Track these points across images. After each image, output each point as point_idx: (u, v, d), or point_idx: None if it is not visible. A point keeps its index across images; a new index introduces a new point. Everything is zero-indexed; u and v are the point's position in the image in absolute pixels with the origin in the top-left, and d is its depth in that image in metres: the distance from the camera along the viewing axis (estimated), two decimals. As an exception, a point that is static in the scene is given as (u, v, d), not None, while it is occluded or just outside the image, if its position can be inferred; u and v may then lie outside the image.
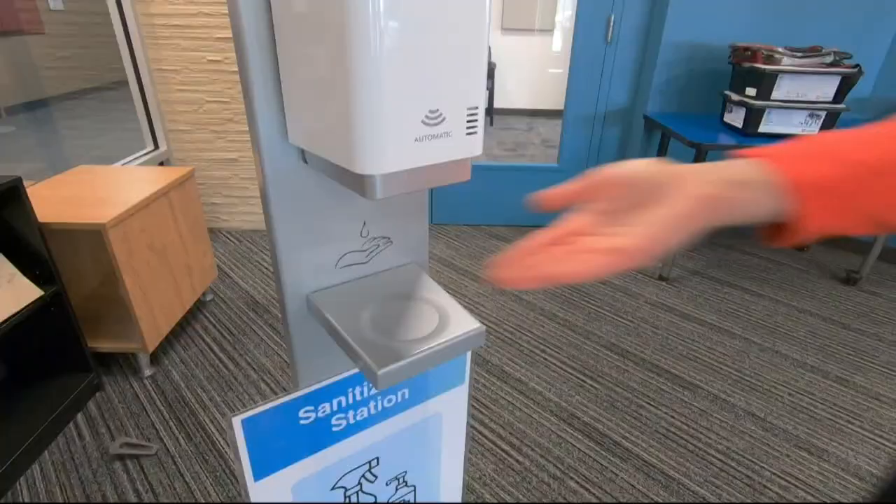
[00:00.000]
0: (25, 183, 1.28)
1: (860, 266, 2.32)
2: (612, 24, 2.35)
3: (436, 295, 0.43)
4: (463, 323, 0.40)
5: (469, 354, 0.58)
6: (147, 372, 1.64)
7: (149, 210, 1.58)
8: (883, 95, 2.37)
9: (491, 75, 5.20)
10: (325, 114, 0.29)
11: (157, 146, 2.44)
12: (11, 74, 2.61)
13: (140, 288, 1.54)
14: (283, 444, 0.47)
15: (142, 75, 2.29)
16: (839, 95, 1.94)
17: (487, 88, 5.24)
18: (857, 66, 1.88)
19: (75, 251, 1.75)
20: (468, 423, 0.62)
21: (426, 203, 0.44)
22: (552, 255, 0.27)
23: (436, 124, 0.28)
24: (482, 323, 0.43)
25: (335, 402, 0.48)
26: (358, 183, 0.28)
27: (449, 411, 0.60)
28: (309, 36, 0.28)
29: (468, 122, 0.29)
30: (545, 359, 1.78)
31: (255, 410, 0.43)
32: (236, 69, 2.26)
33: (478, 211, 2.80)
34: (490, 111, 5.35)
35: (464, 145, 0.30)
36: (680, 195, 0.27)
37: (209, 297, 2.07)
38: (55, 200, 1.51)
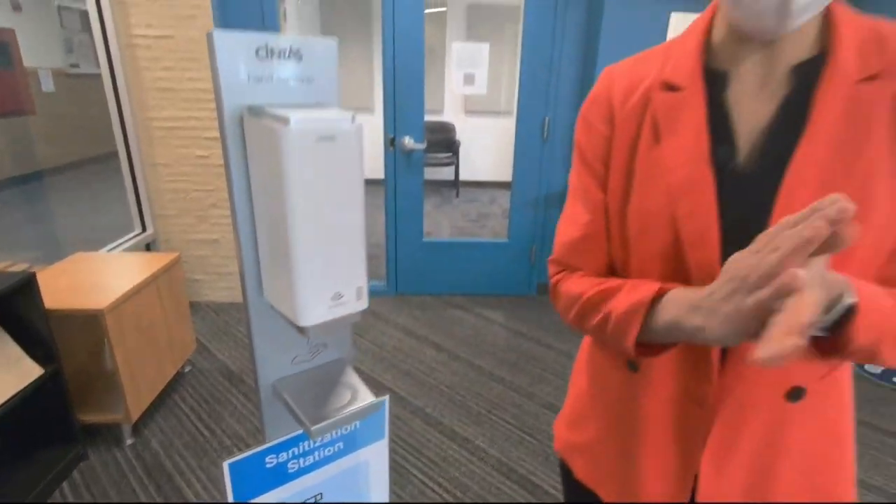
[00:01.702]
0: (29, 269, 1.52)
1: (769, 327, 2.66)
2: (547, 124, 2.79)
3: (353, 380, 0.69)
4: (366, 398, 0.66)
5: (387, 416, 0.83)
6: (129, 441, 1.81)
7: (139, 295, 1.82)
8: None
9: (456, 152, 5.70)
10: (280, 293, 0.56)
11: (144, 229, 2.70)
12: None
13: (128, 364, 1.75)
14: (255, 480, 0.70)
15: (135, 169, 2.58)
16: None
17: (452, 164, 5.73)
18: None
19: (70, 331, 1.94)
20: (389, 467, 0.86)
21: (350, 329, 0.71)
22: None
23: (340, 298, 0.55)
24: (437, 387, 0.68)
25: (290, 451, 0.72)
26: (298, 328, 0.55)
27: (374, 459, 0.84)
28: (268, 237, 0.55)
29: (356, 295, 0.56)
30: (490, 419, 2.01)
31: (237, 458, 0.67)
32: (220, 163, 2.59)
33: (439, 282, 3.09)
34: (455, 184, 5.81)
35: (356, 304, 0.57)
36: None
37: (187, 369, 2.25)
38: (57, 287, 1.74)
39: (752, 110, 0.53)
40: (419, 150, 2.82)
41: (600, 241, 0.62)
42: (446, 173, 5.88)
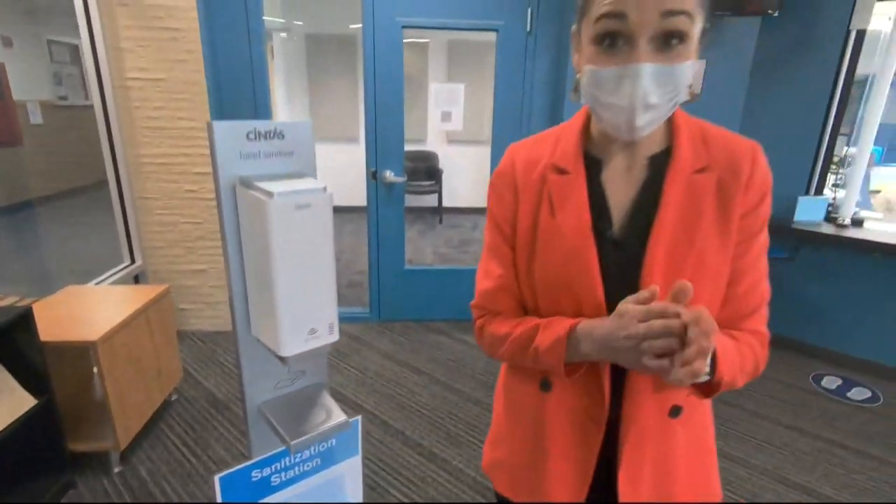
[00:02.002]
0: (22, 301, 1.60)
1: (732, 347, 2.82)
2: (520, 157, 2.96)
3: (328, 402, 0.81)
4: (339, 416, 0.77)
5: (359, 434, 0.93)
6: (116, 469, 1.86)
7: (130, 326, 1.90)
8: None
9: (438, 179, 5.88)
10: (265, 329, 0.68)
11: (133, 261, 2.78)
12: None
13: (117, 393, 1.82)
14: (243, 492, 0.80)
15: (125, 203, 2.68)
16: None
17: (435, 191, 5.89)
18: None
19: (61, 361, 2.01)
20: (362, 480, 0.96)
21: (325, 358, 0.83)
22: None
23: (314, 332, 0.67)
24: (418, 411, 0.80)
25: (273, 466, 0.82)
26: (280, 358, 0.67)
27: (349, 473, 0.94)
28: (255, 283, 0.66)
29: (329, 330, 0.68)
30: (468, 440, 2.10)
31: (226, 472, 0.77)
32: (209, 196, 2.70)
33: (421, 308, 3.20)
34: (439, 211, 5.98)
35: (329, 337, 0.70)
36: None
37: (174, 398, 2.32)
38: (50, 319, 1.81)
39: (621, 191, 0.69)
40: (400, 183, 2.97)
41: (512, 290, 0.75)
42: (430, 200, 6.05)
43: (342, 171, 5.29)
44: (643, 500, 0.72)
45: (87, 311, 1.94)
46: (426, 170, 5.92)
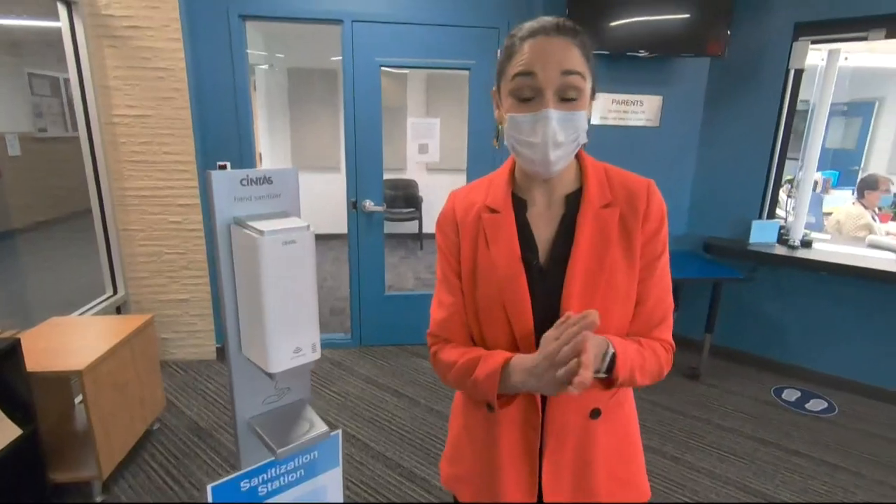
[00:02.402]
0: (6, 333, 1.65)
1: (699, 363, 2.96)
2: (493, 186, 3.11)
3: (311, 415, 0.90)
4: (322, 427, 0.86)
5: (340, 447, 1.02)
6: (98, 499, 1.88)
7: (115, 356, 1.95)
8: (695, 232, 3.21)
9: (419, 207, 6.03)
10: (255, 348, 0.78)
11: (116, 291, 2.82)
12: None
13: (101, 422, 1.85)
14: (232, 501, 0.87)
15: (109, 235, 2.74)
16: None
17: (415, 219, 6.03)
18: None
19: (45, 392, 2.04)
20: (343, 490, 1.04)
21: (308, 374, 0.93)
22: None
23: (299, 351, 0.77)
24: (398, 432, 0.88)
25: (260, 476, 0.90)
26: (268, 374, 0.76)
27: (330, 484, 1.02)
28: (247, 308, 0.76)
29: (312, 349, 0.78)
30: (447, 459, 2.17)
31: (218, 482, 0.85)
32: (193, 227, 2.78)
33: (401, 333, 3.28)
34: (419, 237, 6.10)
35: (312, 355, 0.79)
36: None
37: (156, 427, 2.34)
38: (36, 350, 1.85)
39: (544, 226, 0.82)
40: (379, 212, 3.09)
41: (462, 317, 0.85)
42: (410, 227, 6.18)
43: (324, 199, 5.40)
44: (565, 493, 0.83)
45: (72, 341, 1.98)
46: (406, 197, 6.07)
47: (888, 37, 2.58)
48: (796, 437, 2.41)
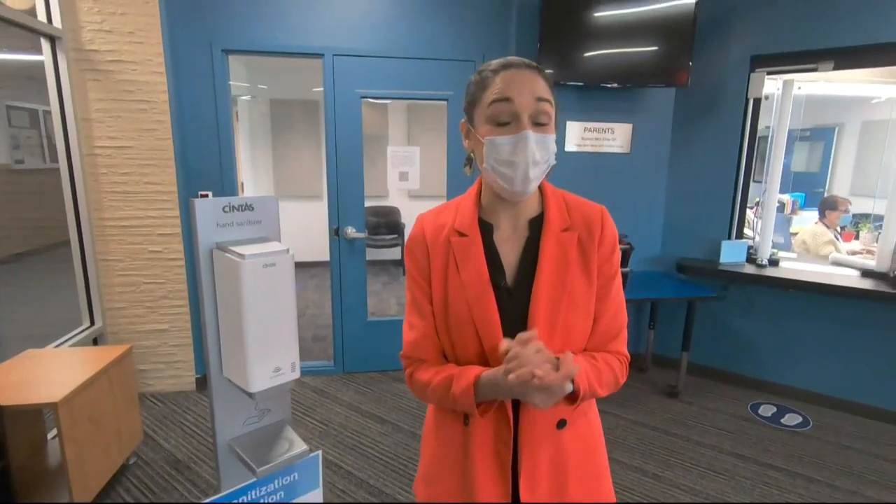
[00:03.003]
0: None
1: (677, 381, 3.02)
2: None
3: (290, 435, 0.92)
4: (301, 447, 0.88)
5: (320, 468, 1.03)
6: (72, 535, 1.82)
7: (91, 387, 1.92)
8: (668, 253, 3.32)
9: (401, 233, 6.08)
10: (235, 369, 0.80)
11: (92, 323, 2.78)
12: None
13: (76, 456, 1.81)
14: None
15: (87, 266, 2.72)
16: (623, 265, 2.78)
17: (398, 245, 6.07)
18: (628, 244, 2.76)
19: (17, 425, 1.99)
20: (324, 513, 1.05)
21: (288, 394, 0.95)
22: None
23: (279, 370, 0.80)
24: (381, 459, 0.90)
25: (240, 498, 0.91)
26: (249, 394, 0.79)
27: (310, 506, 1.03)
28: (228, 330, 0.78)
29: (291, 368, 0.81)
30: (430, 484, 2.16)
31: (203, 502, 0.86)
32: (173, 257, 2.78)
33: (384, 358, 3.28)
34: (402, 263, 6.13)
35: (291, 375, 0.82)
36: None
37: (132, 461, 2.28)
38: (9, 383, 1.82)
39: (510, 249, 0.88)
40: (361, 238, 3.13)
41: (432, 338, 0.89)
42: (393, 253, 6.22)
43: (306, 227, 5.42)
44: (542, 498, 0.85)
45: (47, 373, 1.95)
46: (389, 224, 6.13)
47: (836, 68, 2.77)
48: (773, 452, 2.46)
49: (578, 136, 3.10)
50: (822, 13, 2.70)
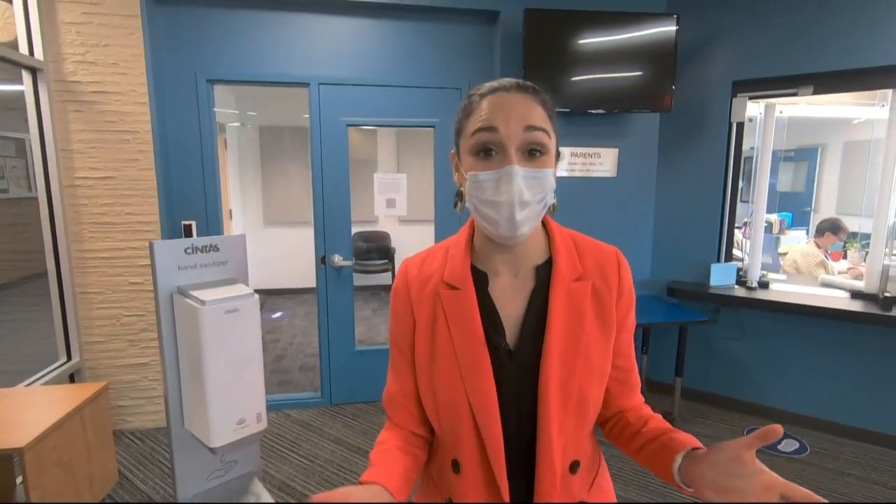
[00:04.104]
0: None
1: (672, 407, 2.96)
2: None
3: (258, 489, 0.86)
4: (267, 499, 0.83)
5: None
6: (35, 592, 1.71)
7: (62, 429, 1.83)
8: (658, 277, 3.30)
9: (391, 258, 6.04)
10: (197, 422, 0.75)
11: (69, 358, 2.69)
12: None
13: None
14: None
15: (66, 298, 2.64)
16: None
17: (388, 270, 6.01)
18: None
19: (-22, 474, 1.89)
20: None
21: (256, 444, 0.89)
22: None
23: (243, 422, 0.75)
24: None
25: (204, 560, 0.85)
26: (210, 449, 0.73)
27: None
28: (189, 379, 0.73)
29: (257, 419, 0.76)
30: (419, 524, 2.07)
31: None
32: (155, 289, 2.69)
33: (372, 389, 3.20)
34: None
35: (257, 426, 0.77)
36: None
37: (106, 505, 2.17)
38: (-26, 429, 1.73)
39: (510, 302, 0.74)
40: (348, 266, 3.08)
41: (403, 404, 0.81)
42: (384, 279, 6.16)
43: (296, 253, 5.38)
44: None
45: (16, 415, 1.86)
46: (379, 249, 6.09)
47: (816, 92, 2.81)
48: (772, 481, 2.40)
49: (566, 161, 3.10)
50: (800, 39, 2.76)
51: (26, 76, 2.46)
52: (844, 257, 4.15)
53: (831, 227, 3.71)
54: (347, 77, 2.91)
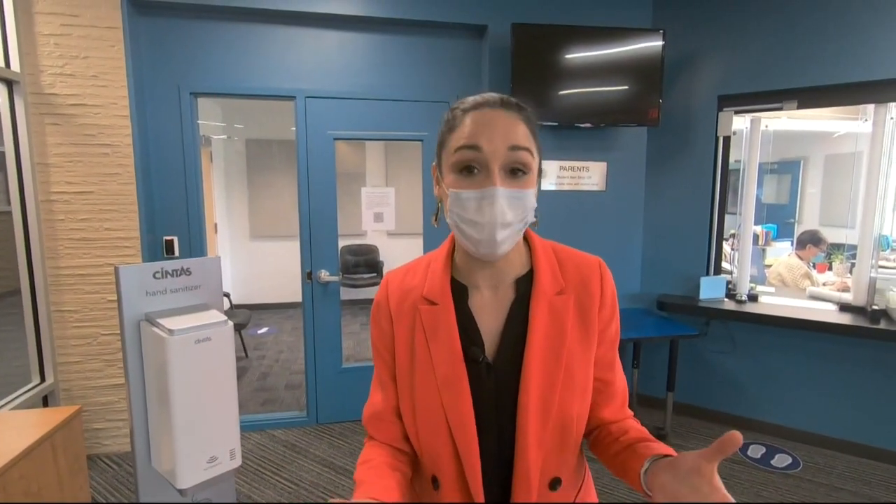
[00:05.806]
0: None
1: (664, 422, 2.93)
2: (450, 252, 3.13)
3: (233, 530, 0.80)
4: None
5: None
6: None
7: (30, 457, 1.73)
8: (648, 291, 3.28)
9: (380, 272, 5.98)
10: (164, 460, 0.69)
11: (43, 379, 2.58)
12: None
13: (8, 538, 1.62)
14: None
15: (40, 318, 2.55)
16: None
17: (377, 283, 5.95)
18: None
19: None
20: None
21: (230, 480, 0.84)
22: None
23: (215, 460, 0.69)
24: None
25: None
26: (178, 490, 0.68)
27: None
28: (157, 414, 0.68)
29: (230, 456, 0.71)
30: (408, 550, 1.99)
31: None
32: (134, 307, 2.60)
33: (359, 407, 3.11)
34: (381, 302, 6.00)
35: (230, 464, 0.71)
36: None
37: (78, 535, 2.07)
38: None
39: (490, 315, 0.74)
40: (335, 282, 3.02)
41: (386, 418, 0.79)
42: (372, 292, 6.08)
43: (282, 267, 5.29)
44: None
45: (-19, 443, 1.76)
46: (368, 263, 6.03)
47: (800, 107, 2.84)
48: (766, 497, 2.37)
49: (554, 174, 3.09)
50: (785, 55, 2.79)
51: (1, 88, 2.39)
52: (830, 269, 4.18)
53: (811, 239, 3.74)
54: (334, 90, 2.88)
